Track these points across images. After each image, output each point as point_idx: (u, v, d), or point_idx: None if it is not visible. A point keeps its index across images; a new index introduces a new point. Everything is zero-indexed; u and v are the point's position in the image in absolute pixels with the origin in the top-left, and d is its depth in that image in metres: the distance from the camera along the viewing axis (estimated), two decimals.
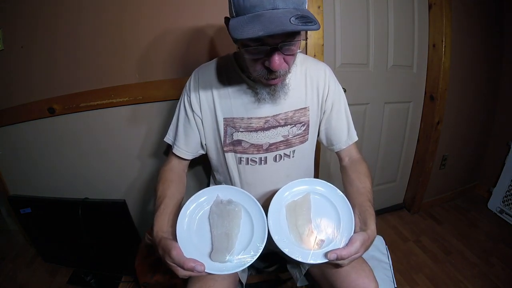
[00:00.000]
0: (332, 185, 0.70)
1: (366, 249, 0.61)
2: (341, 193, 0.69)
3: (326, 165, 1.56)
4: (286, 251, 0.58)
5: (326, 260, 0.58)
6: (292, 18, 0.49)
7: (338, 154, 0.87)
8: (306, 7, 0.56)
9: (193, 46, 1.10)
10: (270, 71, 0.60)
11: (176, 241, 0.58)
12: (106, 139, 1.20)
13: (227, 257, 0.57)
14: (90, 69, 1.09)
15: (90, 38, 1.06)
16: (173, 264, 0.56)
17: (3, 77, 1.11)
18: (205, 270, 0.55)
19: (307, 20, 0.50)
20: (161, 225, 0.63)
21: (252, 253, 0.59)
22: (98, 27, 1.04)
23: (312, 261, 0.58)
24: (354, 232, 0.62)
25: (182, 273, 0.56)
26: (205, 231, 0.63)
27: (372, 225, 0.63)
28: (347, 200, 0.67)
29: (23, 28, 1.04)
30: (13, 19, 1.02)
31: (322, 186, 0.70)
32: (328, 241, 0.62)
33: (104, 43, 1.06)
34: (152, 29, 1.07)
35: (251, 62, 0.61)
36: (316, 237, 0.62)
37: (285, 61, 0.60)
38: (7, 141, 1.20)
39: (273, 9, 0.51)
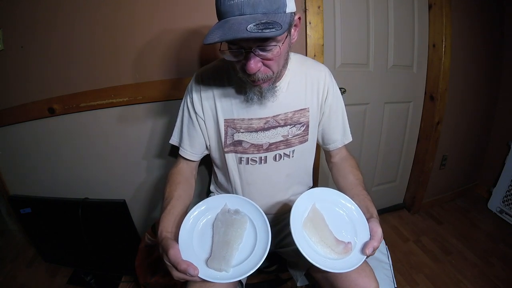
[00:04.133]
0: (325, 188, 0.72)
1: None
2: (337, 191, 0.72)
3: (326, 167, 1.56)
4: (334, 271, 0.57)
5: (365, 257, 0.59)
6: (250, 25, 0.50)
7: (329, 152, 0.89)
8: (287, 10, 0.56)
9: (193, 47, 1.10)
10: (248, 74, 0.62)
11: (177, 242, 0.58)
12: (106, 139, 1.20)
13: (223, 266, 0.56)
14: (90, 69, 1.09)
15: (90, 38, 1.05)
16: (169, 264, 0.56)
17: (3, 77, 1.10)
18: (199, 275, 0.54)
19: (269, 26, 0.50)
20: (166, 225, 0.63)
21: (249, 266, 0.57)
22: (98, 27, 1.04)
23: (357, 266, 0.58)
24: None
25: (176, 274, 0.56)
26: (207, 237, 0.63)
27: (374, 211, 0.68)
28: (346, 196, 0.70)
29: (23, 28, 1.04)
30: (13, 19, 1.02)
31: (319, 192, 0.71)
32: (354, 240, 0.63)
33: (105, 43, 1.06)
34: (152, 29, 1.07)
35: (234, 64, 0.64)
36: (344, 243, 0.62)
37: (266, 65, 0.61)
38: (7, 141, 1.20)
39: (239, 15, 0.53)
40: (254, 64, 0.58)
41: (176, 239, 0.59)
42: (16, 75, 1.10)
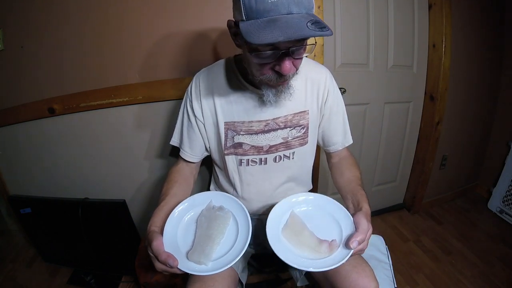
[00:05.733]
0: (305, 192, 0.72)
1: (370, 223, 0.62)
2: (317, 194, 0.72)
3: (325, 167, 1.56)
4: (313, 270, 0.57)
5: (351, 252, 0.58)
6: (308, 23, 0.49)
7: (330, 154, 0.89)
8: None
9: (193, 47, 1.10)
10: (280, 75, 0.60)
11: (162, 235, 0.60)
12: (106, 139, 1.20)
13: (202, 259, 0.58)
14: (90, 69, 1.09)
15: (90, 38, 1.05)
16: (152, 255, 0.58)
17: (3, 77, 1.10)
18: (178, 267, 0.55)
19: (321, 25, 0.49)
20: (155, 220, 0.65)
21: (227, 261, 0.58)
22: (98, 27, 1.04)
23: (342, 262, 0.57)
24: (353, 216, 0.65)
25: (157, 265, 0.57)
26: (191, 231, 0.65)
27: (365, 204, 0.67)
28: (327, 196, 0.71)
29: (23, 28, 1.04)
30: (13, 19, 1.02)
31: (297, 197, 0.71)
32: (339, 238, 0.63)
33: (104, 43, 1.06)
34: (152, 29, 1.07)
35: (259, 67, 0.61)
36: (327, 241, 0.61)
37: (293, 64, 0.60)
38: (7, 141, 1.20)
39: (287, 14, 0.50)
40: (290, 65, 0.57)
41: (162, 233, 0.61)
42: (16, 75, 1.10)
